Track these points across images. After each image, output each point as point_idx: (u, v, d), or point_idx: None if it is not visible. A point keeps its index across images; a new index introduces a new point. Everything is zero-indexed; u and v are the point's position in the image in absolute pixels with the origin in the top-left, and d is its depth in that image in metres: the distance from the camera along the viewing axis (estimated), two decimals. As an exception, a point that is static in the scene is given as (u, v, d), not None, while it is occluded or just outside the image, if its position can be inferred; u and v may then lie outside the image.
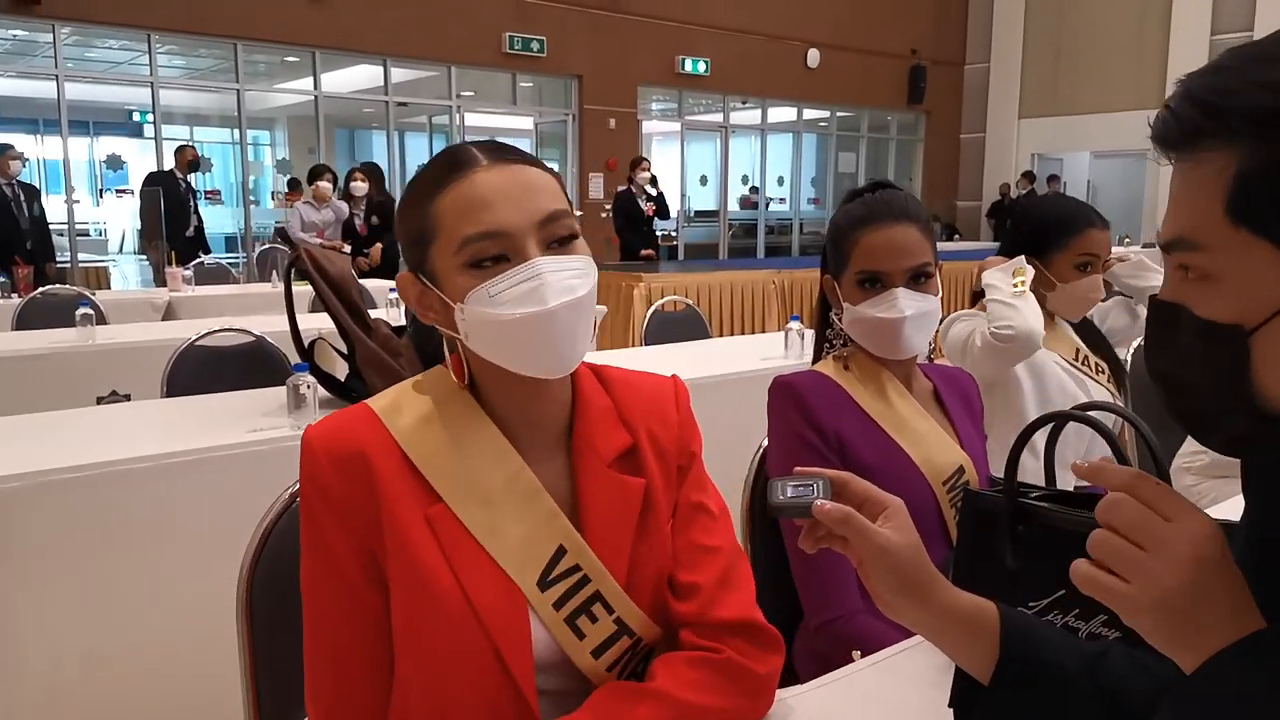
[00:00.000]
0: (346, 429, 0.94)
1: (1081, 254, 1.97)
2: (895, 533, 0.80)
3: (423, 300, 0.97)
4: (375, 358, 2.38)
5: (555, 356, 0.94)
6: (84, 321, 3.64)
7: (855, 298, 1.46)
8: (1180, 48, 13.33)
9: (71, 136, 8.86)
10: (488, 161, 0.93)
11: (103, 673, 1.97)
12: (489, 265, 0.91)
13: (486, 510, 0.94)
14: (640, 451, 1.02)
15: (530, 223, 0.91)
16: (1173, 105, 0.63)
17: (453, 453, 0.95)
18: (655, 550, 1.01)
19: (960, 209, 15.70)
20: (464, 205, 0.91)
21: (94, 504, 1.96)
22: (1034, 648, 0.79)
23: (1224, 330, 0.61)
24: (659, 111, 13.24)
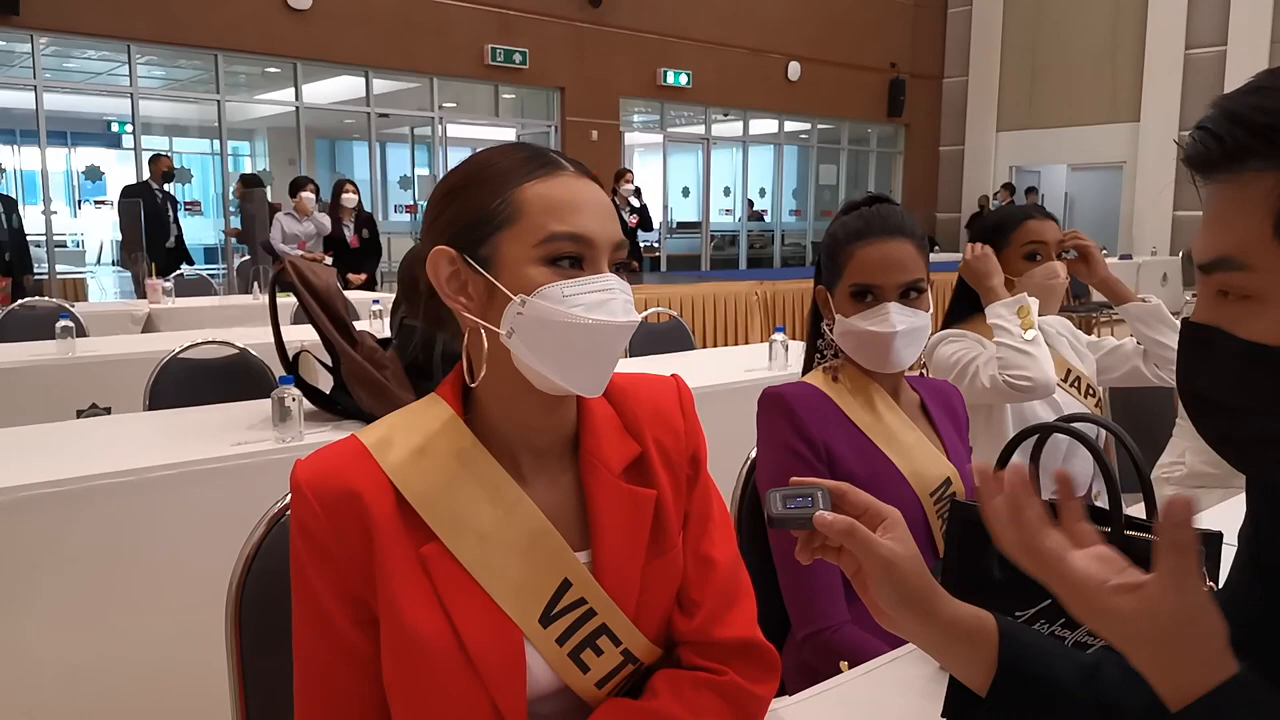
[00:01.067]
0: (337, 468, 0.90)
1: (1024, 244, 2.03)
2: (897, 544, 0.79)
3: (456, 282, 0.91)
4: (360, 370, 2.37)
5: (598, 374, 0.92)
6: (64, 334, 3.61)
7: (848, 310, 1.47)
8: (1155, 63, 13.52)
9: (49, 147, 8.79)
10: (574, 170, 0.93)
11: (85, 691, 1.94)
12: (567, 266, 0.89)
13: (483, 546, 0.90)
14: (649, 461, 1.00)
15: (610, 241, 0.92)
16: (1211, 126, 0.62)
17: (447, 488, 0.91)
18: (668, 564, 0.99)
19: (939, 221, 15.83)
20: (556, 202, 0.89)
21: (76, 519, 1.94)
22: (1031, 660, 0.79)
23: (1265, 351, 0.60)
24: (641, 123, 13.28)
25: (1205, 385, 0.65)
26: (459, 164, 0.97)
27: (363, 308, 4.92)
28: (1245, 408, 0.63)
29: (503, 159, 0.93)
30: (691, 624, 1.00)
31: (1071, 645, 1.02)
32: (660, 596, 0.99)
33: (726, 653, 1.00)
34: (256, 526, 1.26)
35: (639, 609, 0.96)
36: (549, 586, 0.93)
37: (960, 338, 2.04)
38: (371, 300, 4.82)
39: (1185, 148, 0.63)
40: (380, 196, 11.28)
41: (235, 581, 1.22)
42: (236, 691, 1.22)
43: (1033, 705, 0.79)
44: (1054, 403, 1.99)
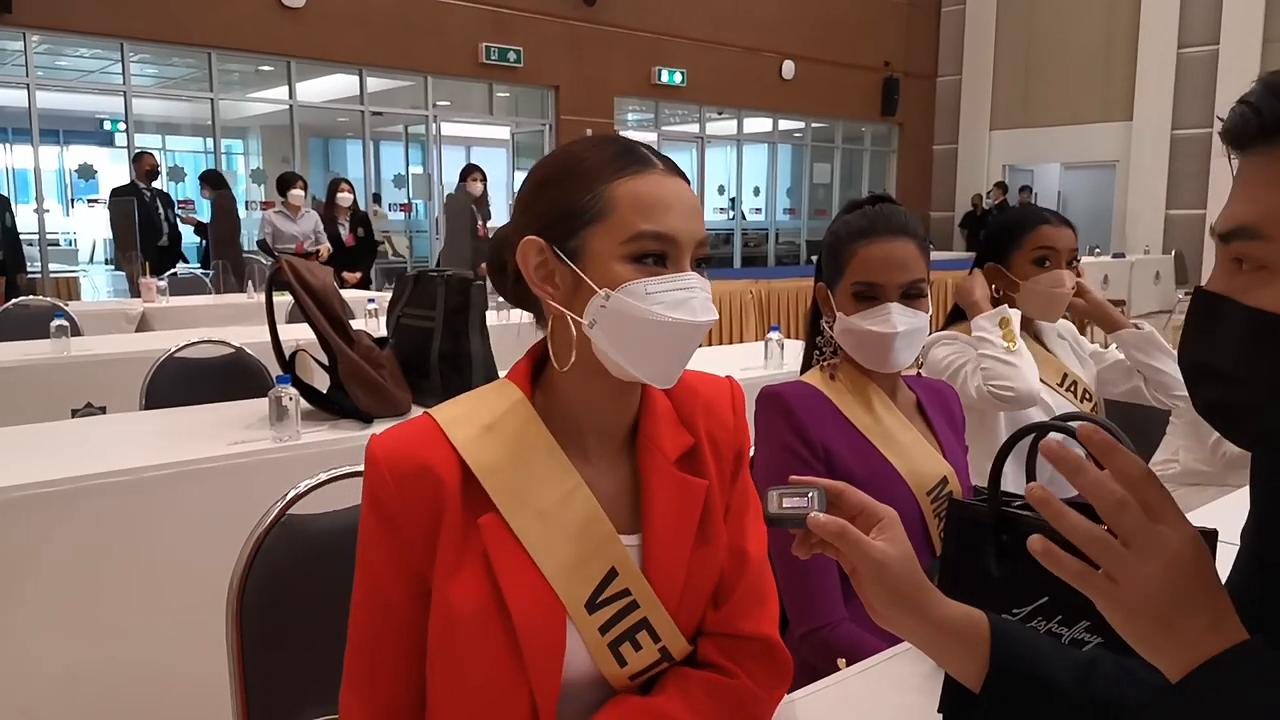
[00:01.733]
0: (411, 442, 0.94)
1: (1035, 248, 2.02)
2: (889, 545, 0.81)
3: (544, 271, 0.95)
4: (358, 370, 2.38)
5: (673, 367, 0.96)
6: (59, 333, 3.59)
7: (849, 308, 1.47)
8: (1148, 62, 13.56)
9: (42, 145, 8.76)
10: (663, 167, 0.95)
11: (81, 692, 1.94)
12: (650, 264, 0.92)
13: (540, 524, 0.94)
14: (701, 452, 1.03)
15: (693, 239, 0.95)
16: (1253, 99, 0.64)
17: (510, 463, 0.94)
18: (711, 554, 1.01)
19: (933, 220, 15.85)
20: (646, 200, 0.92)
21: (71, 519, 1.93)
22: (1023, 658, 0.80)
23: (1272, 319, 0.61)
24: (635, 122, 13.28)
25: (1206, 352, 0.66)
26: (549, 155, 1.00)
27: (358, 306, 4.92)
28: (1241, 375, 0.64)
29: (596, 153, 0.96)
30: (718, 614, 1.02)
31: (1068, 642, 1.03)
32: (702, 587, 1.01)
33: (744, 650, 1.02)
34: (258, 526, 1.27)
35: (682, 598, 0.99)
36: (597, 573, 0.95)
37: (953, 340, 2.04)
38: (367, 299, 4.81)
39: (1225, 121, 0.65)
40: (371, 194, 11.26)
41: (236, 581, 1.23)
42: (237, 692, 1.22)
43: (1027, 703, 0.79)
44: (1048, 406, 1.99)
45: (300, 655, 1.24)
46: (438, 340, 2.54)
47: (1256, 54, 12.63)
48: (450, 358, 2.54)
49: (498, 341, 2.66)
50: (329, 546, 1.25)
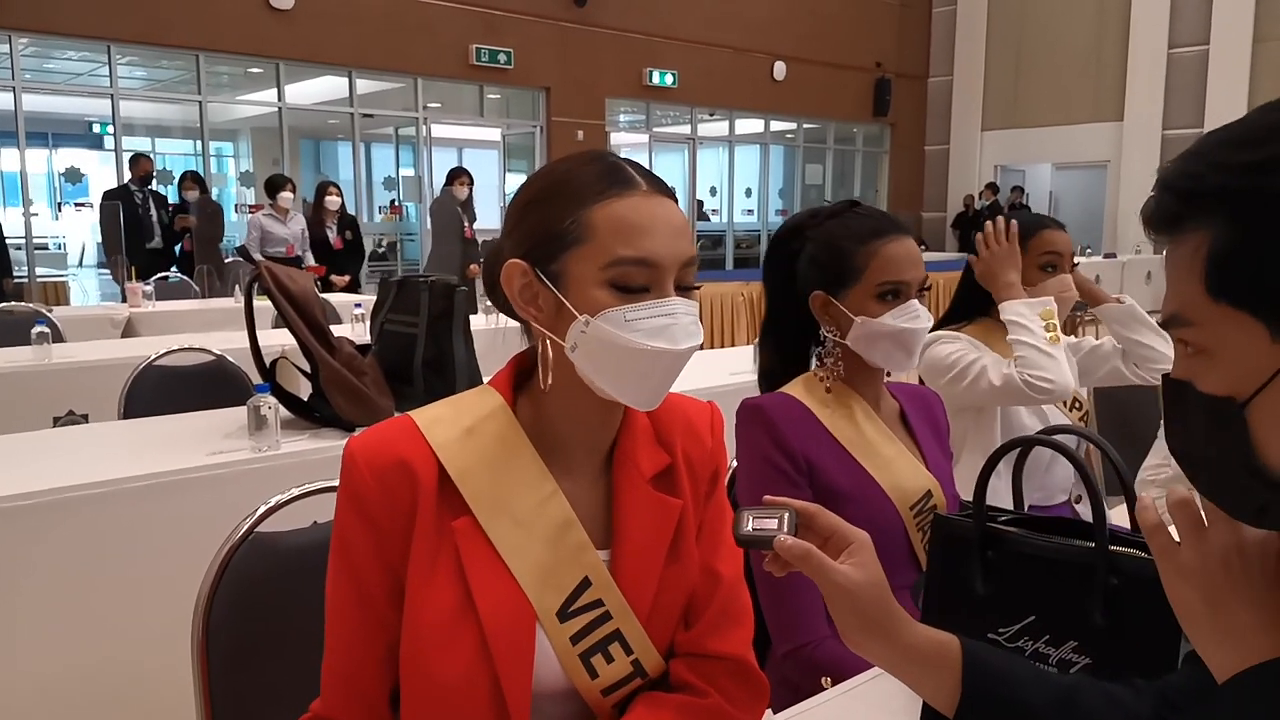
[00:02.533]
0: (389, 440, 0.94)
1: (1042, 254, 2.00)
2: (856, 570, 0.80)
3: (528, 294, 0.95)
4: (339, 377, 2.34)
5: (655, 393, 0.95)
6: (40, 340, 3.56)
7: (875, 310, 1.43)
8: (1138, 62, 13.59)
9: (30, 148, 8.70)
10: (647, 188, 0.94)
11: (57, 706, 1.91)
12: (631, 290, 0.91)
13: (516, 529, 0.94)
14: (677, 472, 1.03)
15: (676, 263, 0.93)
16: (1155, 193, 0.66)
17: (488, 468, 0.94)
18: (683, 574, 1.01)
19: (925, 220, 15.86)
20: (625, 225, 0.91)
21: (48, 532, 1.90)
22: (998, 684, 0.79)
23: (1220, 404, 0.62)
24: (627, 123, 13.26)
25: (1185, 441, 0.67)
26: (537, 172, 1.00)
27: (345, 310, 4.89)
28: (1217, 459, 0.64)
29: (579, 174, 0.95)
30: (688, 634, 1.01)
31: (1055, 662, 1.00)
32: (672, 606, 1.00)
33: (717, 670, 1.00)
34: (227, 541, 1.24)
35: (652, 614, 0.98)
36: (570, 581, 0.95)
37: (954, 339, 2.00)
38: (354, 303, 4.78)
39: (1141, 214, 0.67)
40: (364, 196, 11.23)
41: (203, 596, 1.20)
42: (203, 710, 1.19)
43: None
44: (1040, 413, 1.97)
45: (267, 673, 1.22)
46: (421, 346, 2.51)
47: (1246, 54, 12.67)
48: (434, 364, 2.50)
49: (482, 347, 2.63)
50: (298, 563, 1.22)
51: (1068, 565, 0.99)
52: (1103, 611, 0.96)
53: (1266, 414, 0.60)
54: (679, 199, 1.01)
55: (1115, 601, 0.96)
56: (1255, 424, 0.61)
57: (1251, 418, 0.61)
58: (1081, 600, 0.97)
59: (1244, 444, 0.61)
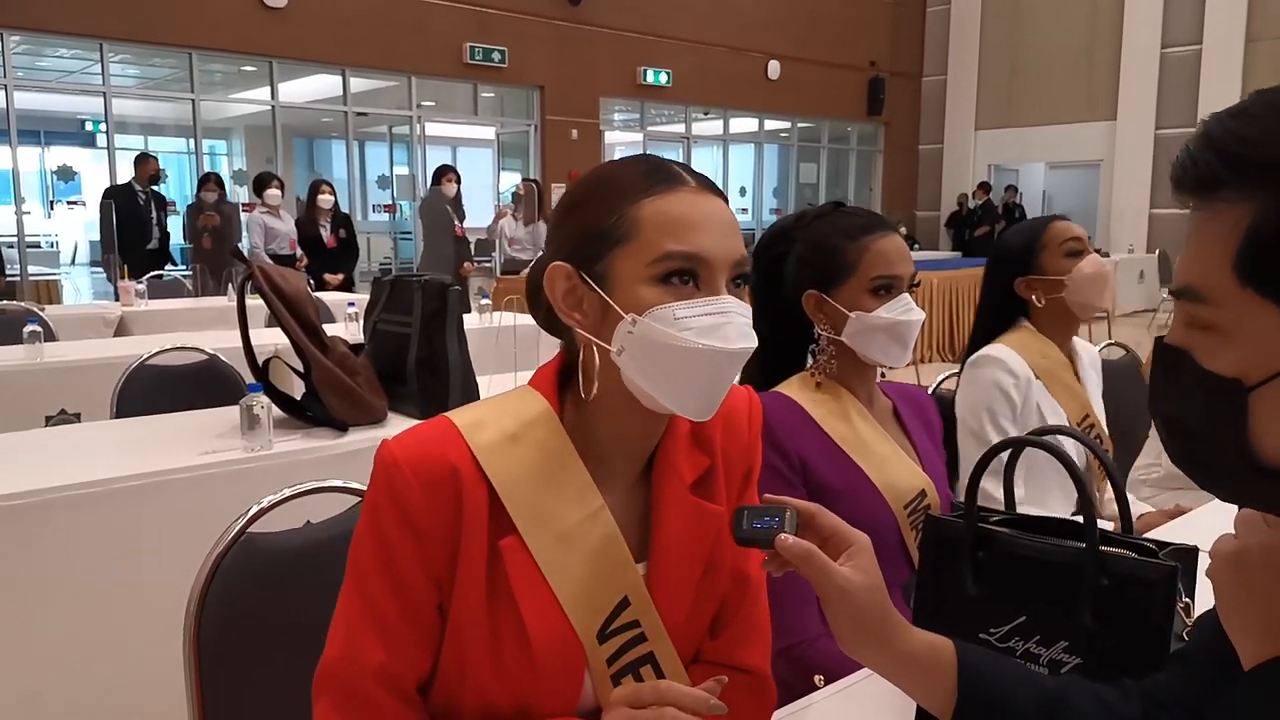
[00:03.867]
0: (434, 444, 0.88)
1: (1064, 241, 1.97)
2: (856, 573, 0.79)
3: (572, 298, 0.90)
4: (332, 377, 2.34)
5: (709, 399, 0.89)
6: (31, 339, 3.54)
7: (869, 304, 1.44)
8: (1131, 61, 13.62)
9: (22, 146, 8.66)
10: (695, 184, 0.90)
11: (45, 708, 1.90)
12: (681, 285, 0.86)
13: (560, 547, 0.89)
14: (716, 475, 0.99)
15: (728, 260, 0.88)
16: (1192, 148, 0.60)
17: (533, 481, 0.89)
18: (718, 582, 0.98)
19: (919, 219, 15.88)
20: (673, 219, 0.87)
21: (37, 531, 1.89)
22: (992, 688, 0.79)
23: (1224, 384, 0.59)
24: (621, 122, 13.26)
25: (1173, 408, 0.64)
26: (580, 178, 0.95)
27: (338, 309, 4.88)
28: (1207, 433, 0.62)
29: (623, 173, 0.91)
30: (715, 641, 1.00)
31: (1045, 663, 1.01)
32: (705, 614, 0.98)
33: (737, 684, 0.98)
34: (219, 541, 1.23)
35: (685, 626, 0.96)
36: (609, 601, 0.91)
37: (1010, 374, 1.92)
38: (347, 302, 4.77)
39: (1171, 169, 0.62)
40: (359, 195, 11.20)
41: (195, 598, 1.19)
42: (195, 713, 1.18)
43: None
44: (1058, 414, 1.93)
45: (260, 673, 1.21)
46: (414, 346, 2.51)
47: (1239, 53, 12.71)
48: (427, 363, 2.50)
49: (476, 346, 2.63)
50: (290, 564, 1.21)
51: (1058, 566, 0.99)
52: (1093, 612, 0.97)
53: (1270, 402, 0.58)
54: None
55: (1105, 602, 0.96)
56: (1256, 410, 0.58)
57: (1254, 403, 0.58)
58: (1072, 601, 0.97)
59: (1240, 426, 0.59)
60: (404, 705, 0.89)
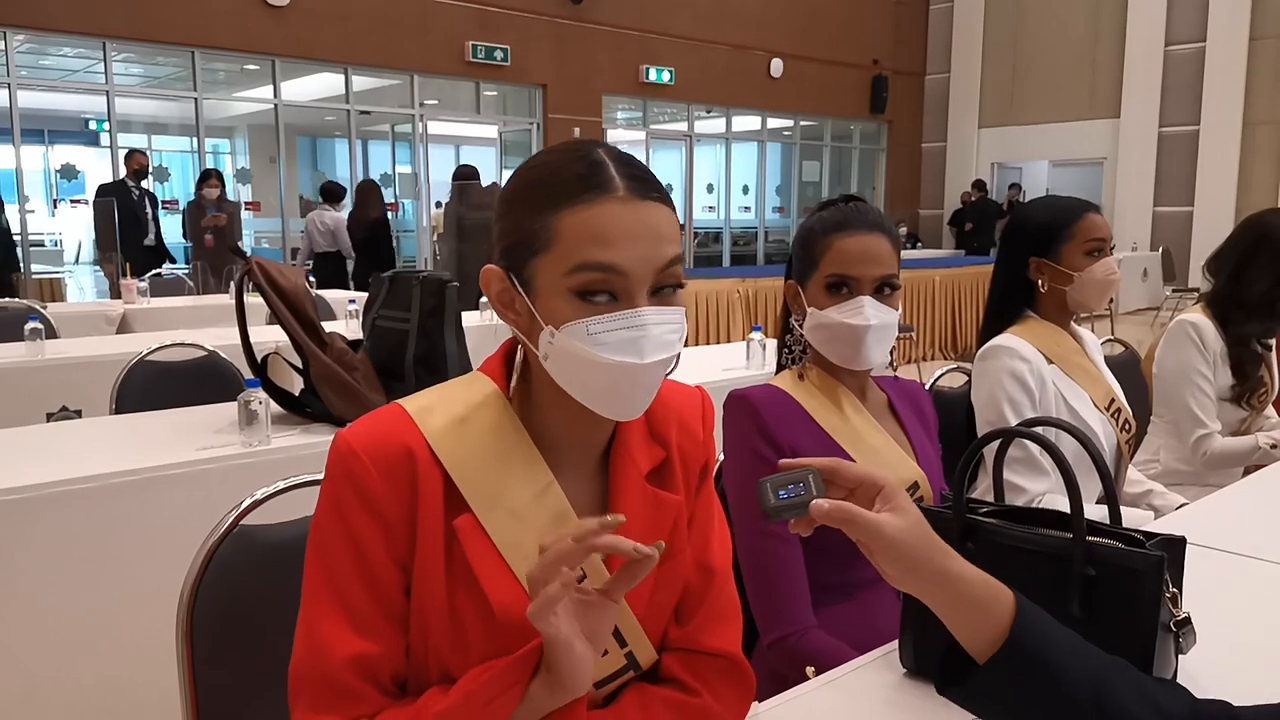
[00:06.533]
0: (388, 430, 0.90)
1: (1089, 239, 1.94)
2: (898, 517, 0.79)
3: (505, 298, 0.93)
4: (330, 373, 2.35)
5: (630, 405, 0.91)
6: (33, 336, 3.56)
7: (822, 302, 1.45)
8: (1135, 59, 13.58)
9: (26, 145, 8.68)
10: (625, 192, 0.87)
11: (45, 708, 1.91)
12: (597, 301, 0.87)
13: (513, 523, 0.91)
14: (672, 466, 1.00)
15: (650, 269, 0.87)
16: None
17: (483, 460, 0.91)
18: (676, 570, 0.99)
19: (922, 217, 15.86)
20: (591, 232, 0.86)
21: (34, 526, 1.90)
22: (1040, 643, 0.77)
23: None
24: (624, 120, 13.25)
25: None
26: (525, 163, 0.94)
27: (339, 306, 4.89)
28: None
29: (555, 175, 0.90)
30: (682, 630, 1.00)
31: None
32: (666, 602, 0.99)
33: (709, 668, 1.00)
34: (212, 533, 1.24)
35: (646, 612, 0.97)
36: None
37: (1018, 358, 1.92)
38: (348, 299, 4.78)
39: None
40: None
41: (188, 591, 1.20)
42: (189, 706, 1.19)
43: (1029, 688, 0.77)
44: (1094, 432, 1.91)
45: (252, 665, 1.21)
46: (413, 342, 2.51)
47: (1243, 51, 12.67)
48: (426, 360, 2.50)
49: (475, 342, 2.63)
50: (282, 557, 1.22)
51: (1046, 556, 1.00)
52: (1080, 602, 0.97)
53: None
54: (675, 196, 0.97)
55: (1093, 592, 0.97)
56: None
57: None
58: (1059, 591, 0.98)
59: None
60: (382, 695, 0.89)
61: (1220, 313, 2.50)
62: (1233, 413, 2.50)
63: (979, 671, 0.78)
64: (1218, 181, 12.84)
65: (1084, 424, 1.91)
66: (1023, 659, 0.76)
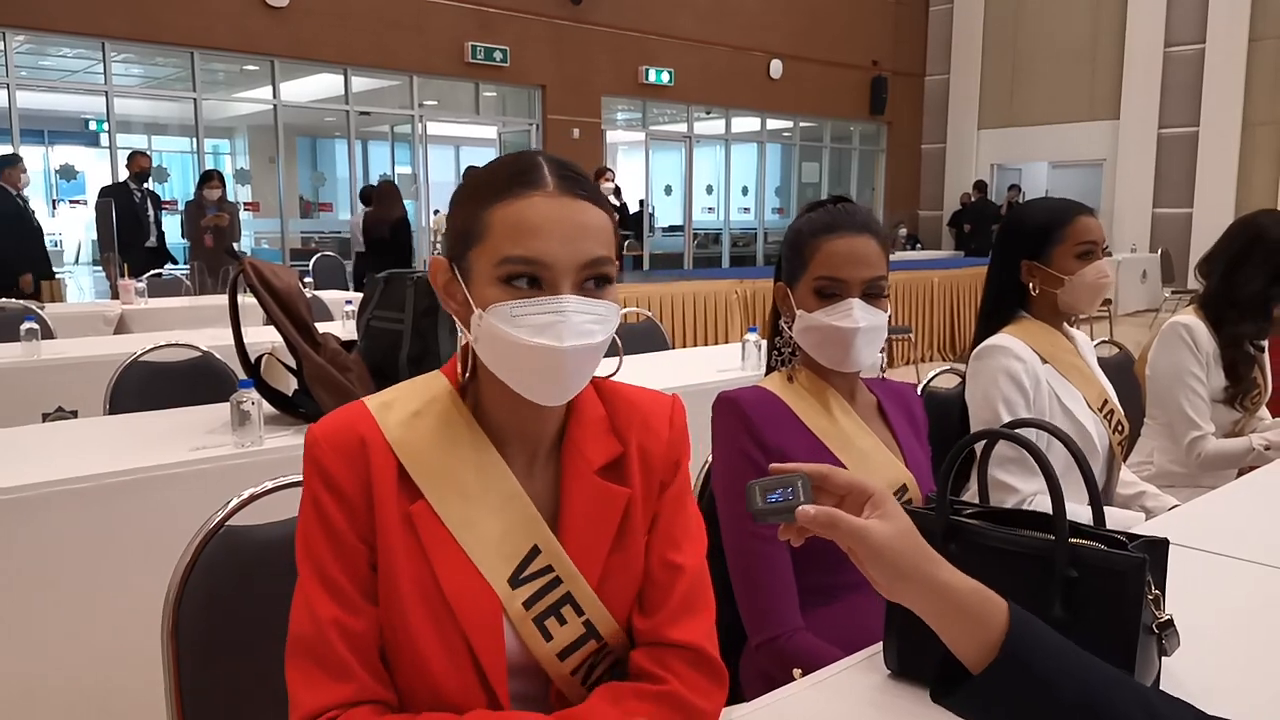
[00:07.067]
0: (347, 422, 0.98)
1: (1080, 242, 1.94)
2: (885, 524, 0.79)
3: (449, 289, 1.00)
4: (323, 373, 2.34)
5: (550, 390, 0.96)
6: (29, 336, 3.56)
7: (811, 304, 1.45)
8: (1134, 61, 13.59)
9: (26, 145, 8.68)
10: (553, 187, 0.95)
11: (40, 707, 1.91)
12: (521, 286, 0.93)
13: (462, 503, 0.97)
14: (628, 461, 1.04)
15: (573, 263, 0.93)
16: None
17: (435, 447, 0.98)
18: (629, 562, 1.02)
19: (922, 218, 15.87)
20: (516, 224, 0.93)
21: (24, 527, 1.90)
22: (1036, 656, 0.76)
23: None
24: (623, 121, 13.26)
25: None
26: (469, 171, 1.04)
27: (336, 307, 4.89)
28: None
29: (492, 174, 0.98)
30: (647, 624, 1.02)
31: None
32: (620, 585, 1.02)
33: (675, 658, 1.01)
34: (198, 533, 1.24)
35: (599, 593, 1.00)
36: (519, 549, 0.98)
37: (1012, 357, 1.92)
38: (345, 300, 4.78)
39: None
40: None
41: (172, 594, 1.20)
42: (174, 708, 1.19)
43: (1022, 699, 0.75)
44: (1087, 433, 1.91)
45: (238, 665, 1.22)
46: (407, 342, 2.51)
47: (1243, 53, 12.67)
48: (419, 360, 2.50)
49: (468, 343, 2.62)
50: (269, 556, 1.22)
51: (1028, 558, 1.00)
52: (1063, 603, 0.97)
53: None
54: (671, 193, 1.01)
55: (1074, 594, 0.97)
56: None
57: None
58: (1042, 592, 0.98)
59: None
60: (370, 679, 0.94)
61: (1213, 314, 2.50)
62: (1226, 414, 2.50)
63: (972, 682, 0.77)
64: (1217, 183, 12.84)
65: (1078, 424, 1.92)
66: (1016, 671, 0.75)
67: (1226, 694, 1.10)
